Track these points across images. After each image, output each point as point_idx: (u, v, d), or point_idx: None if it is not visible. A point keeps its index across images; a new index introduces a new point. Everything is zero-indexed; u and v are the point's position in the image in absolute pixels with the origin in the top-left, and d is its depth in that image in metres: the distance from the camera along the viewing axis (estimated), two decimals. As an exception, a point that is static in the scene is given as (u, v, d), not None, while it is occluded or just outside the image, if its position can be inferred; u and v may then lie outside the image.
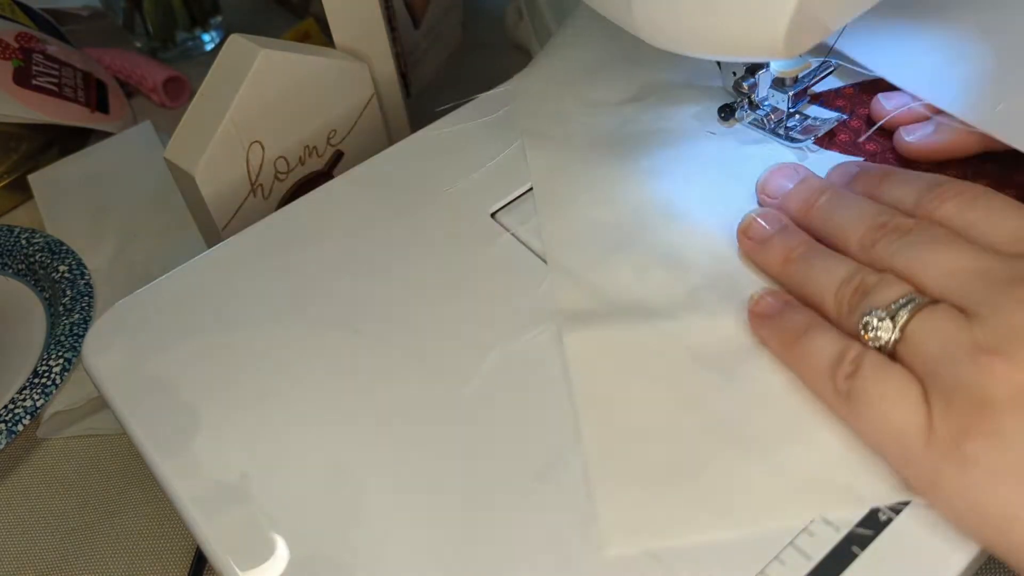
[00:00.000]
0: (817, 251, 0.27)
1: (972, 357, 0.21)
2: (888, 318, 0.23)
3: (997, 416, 0.20)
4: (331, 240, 0.32)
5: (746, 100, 0.33)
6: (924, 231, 0.25)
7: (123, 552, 0.36)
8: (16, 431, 0.38)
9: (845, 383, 0.23)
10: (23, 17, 0.59)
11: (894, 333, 0.23)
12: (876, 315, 0.23)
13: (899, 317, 0.23)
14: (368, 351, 0.28)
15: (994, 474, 0.20)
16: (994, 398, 0.20)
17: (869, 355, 0.23)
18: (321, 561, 0.23)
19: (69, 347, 0.41)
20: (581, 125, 0.35)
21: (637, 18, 0.26)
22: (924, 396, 0.21)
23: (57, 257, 0.46)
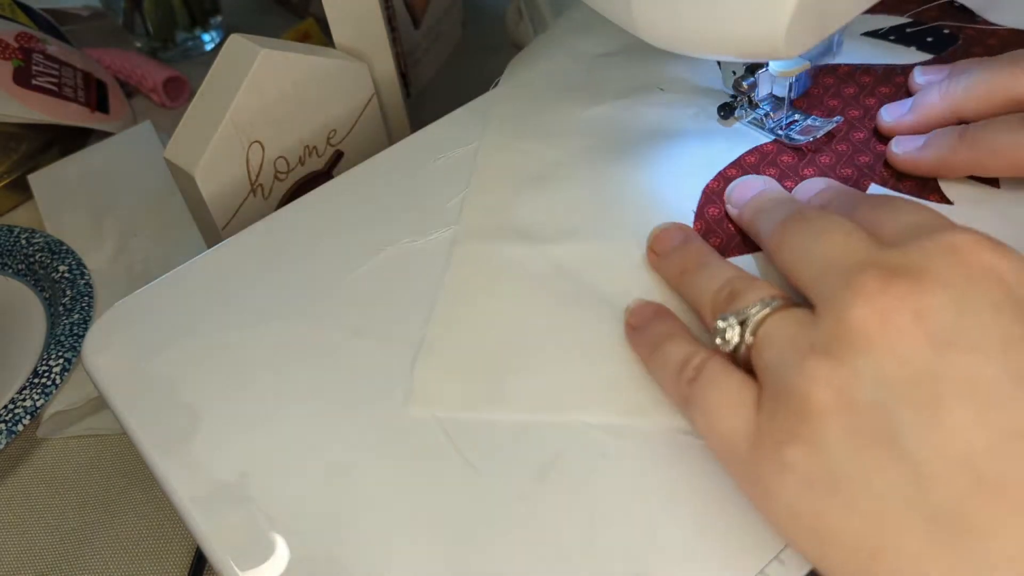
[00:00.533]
0: (710, 261, 0.26)
1: (801, 360, 0.20)
2: (738, 323, 0.22)
3: (815, 422, 0.19)
4: (331, 240, 0.32)
5: (745, 99, 0.33)
6: (819, 220, 0.23)
7: (123, 552, 0.36)
8: (16, 431, 0.38)
9: (687, 387, 0.23)
10: (23, 17, 0.59)
11: (745, 337, 0.22)
12: (727, 320, 0.23)
13: (749, 322, 0.22)
14: (368, 351, 0.28)
15: (809, 482, 0.19)
16: (814, 404, 0.19)
17: (713, 360, 0.23)
18: (321, 561, 0.23)
19: (69, 347, 0.41)
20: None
21: (637, 18, 0.26)
22: (758, 401, 0.21)
23: (57, 257, 0.46)
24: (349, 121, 0.41)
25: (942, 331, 0.18)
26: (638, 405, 0.25)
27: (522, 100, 0.37)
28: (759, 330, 0.22)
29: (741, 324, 0.22)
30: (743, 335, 0.22)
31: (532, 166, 0.34)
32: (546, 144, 0.34)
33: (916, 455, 0.18)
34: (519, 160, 0.34)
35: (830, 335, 0.19)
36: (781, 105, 0.33)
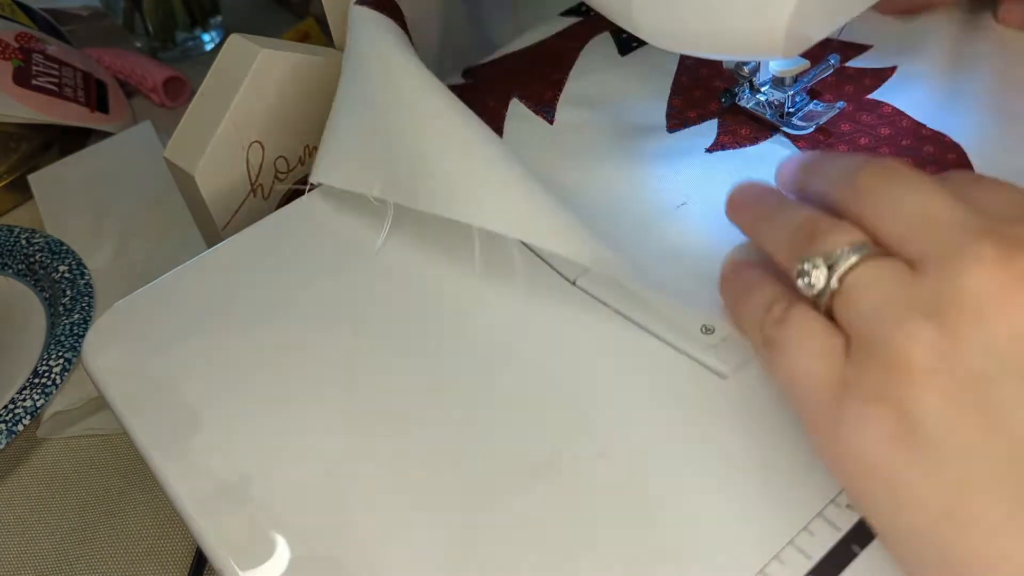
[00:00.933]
0: (785, 206, 0.25)
1: (902, 319, 0.19)
2: (825, 266, 0.21)
3: (912, 382, 0.18)
4: (331, 240, 0.32)
5: (747, 84, 0.33)
6: (906, 171, 0.22)
7: (123, 552, 0.36)
8: (16, 431, 0.38)
9: (772, 328, 0.22)
10: (23, 17, 0.59)
11: (830, 282, 0.21)
12: (812, 262, 0.21)
13: (838, 266, 0.21)
14: (368, 351, 0.28)
15: (894, 438, 0.19)
16: (915, 364, 0.18)
17: (799, 305, 0.22)
18: (321, 561, 0.23)
19: (69, 347, 0.41)
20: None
21: (637, 17, 0.26)
22: (845, 351, 0.20)
23: (57, 257, 0.47)
24: (349, 121, 0.41)
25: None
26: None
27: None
28: (847, 277, 0.21)
29: (829, 268, 0.21)
30: (829, 279, 0.21)
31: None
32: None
33: (1015, 430, 0.17)
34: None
35: (938, 297, 0.19)
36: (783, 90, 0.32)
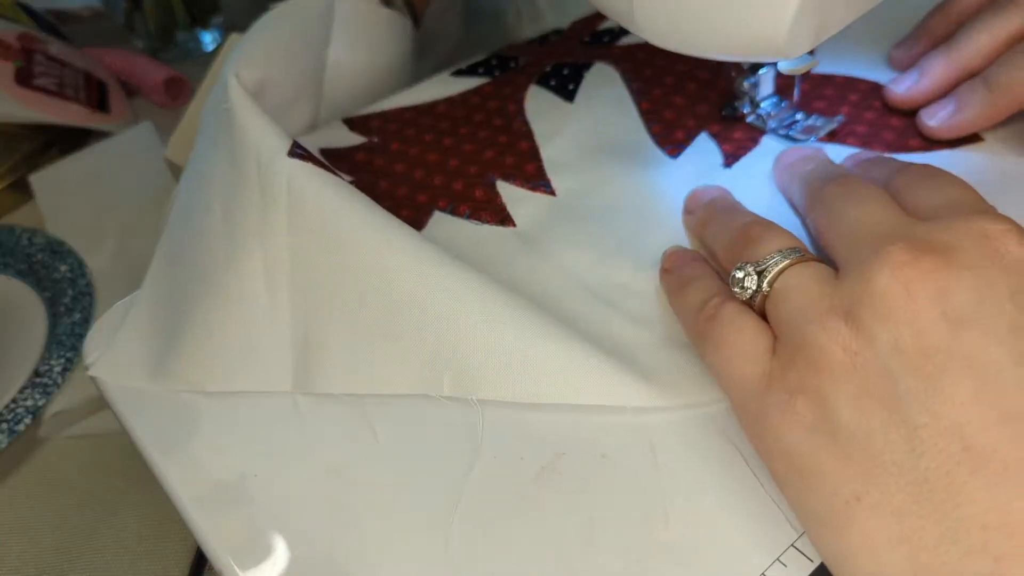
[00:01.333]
0: (731, 209, 0.27)
1: (822, 318, 0.20)
2: (755, 272, 0.23)
3: (828, 378, 0.20)
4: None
5: (747, 99, 0.33)
6: (857, 186, 0.24)
7: (123, 552, 0.36)
8: (17, 431, 0.38)
9: (704, 324, 0.24)
10: (24, 18, 0.59)
11: (761, 287, 0.23)
12: (744, 269, 0.24)
13: (767, 272, 0.23)
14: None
15: (811, 429, 0.20)
16: (830, 361, 0.20)
17: (731, 303, 0.24)
18: (321, 561, 0.23)
19: (70, 347, 0.41)
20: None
21: (638, 17, 0.26)
22: (772, 348, 0.22)
23: (58, 257, 0.47)
24: (349, 121, 0.41)
25: (959, 310, 0.19)
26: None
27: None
28: (776, 281, 0.23)
29: (759, 274, 0.23)
30: (760, 284, 0.23)
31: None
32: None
33: (914, 420, 0.19)
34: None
35: (853, 298, 0.20)
36: (783, 105, 0.33)
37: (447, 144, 0.35)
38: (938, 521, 0.18)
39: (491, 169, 0.33)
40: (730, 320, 0.23)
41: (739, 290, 0.24)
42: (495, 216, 0.32)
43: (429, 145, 0.35)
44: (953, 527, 0.18)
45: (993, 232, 0.20)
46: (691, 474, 0.24)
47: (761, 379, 0.22)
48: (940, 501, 0.18)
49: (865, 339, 0.20)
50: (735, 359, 0.23)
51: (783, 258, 0.23)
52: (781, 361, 0.21)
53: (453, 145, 0.35)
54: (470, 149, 0.34)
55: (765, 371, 0.22)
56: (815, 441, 0.20)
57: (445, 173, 0.34)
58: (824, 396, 0.20)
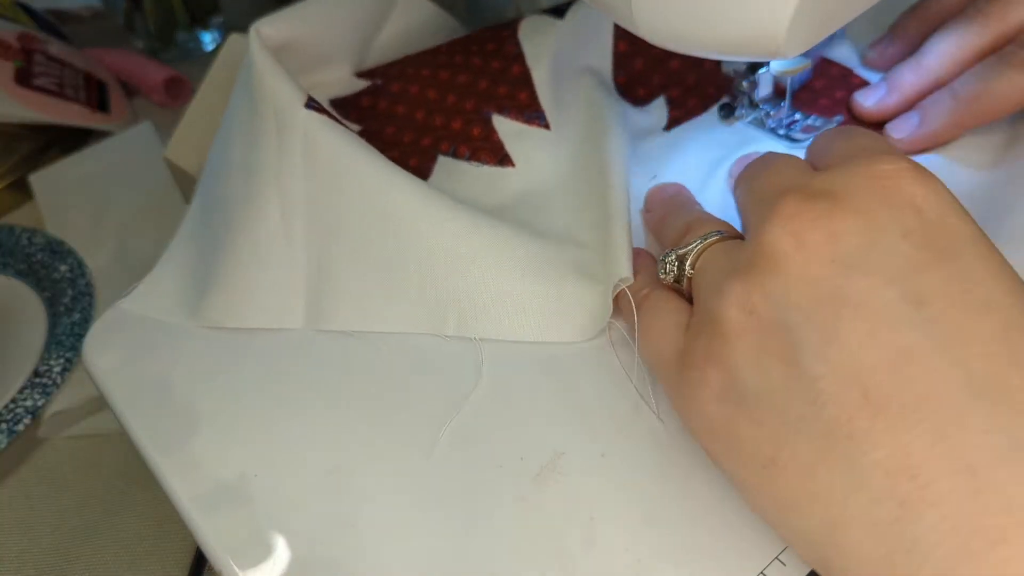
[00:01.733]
0: (684, 208, 0.28)
1: (721, 283, 0.20)
2: (676, 256, 0.24)
3: (728, 341, 0.20)
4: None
5: (746, 99, 0.33)
6: (775, 159, 0.24)
7: (123, 552, 0.36)
8: (17, 431, 0.38)
9: (636, 314, 0.25)
10: (24, 18, 0.59)
11: (684, 270, 0.23)
12: (668, 256, 0.24)
13: (688, 255, 0.23)
14: (368, 351, 0.28)
15: (722, 396, 0.20)
16: (727, 323, 0.20)
17: (657, 290, 0.25)
18: (321, 561, 0.23)
19: (69, 347, 0.41)
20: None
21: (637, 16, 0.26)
22: (687, 325, 0.22)
23: (58, 257, 0.47)
24: (349, 121, 0.41)
25: (850, 254, 0.19)
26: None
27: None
28: (698, 262, 0.23)
29: (680, 259, 0.24)
30: (683, 268, 0.23)
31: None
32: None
33: (812, 371, 0.18)
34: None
35: (749, 258, 0.20)
36: (781, 105, 0.33)
37: (444, 78, 0.35)
38: (845, 472, 0.17)
39: (486, 103, 0.34)
40: (652, 305, 0.24)
41: (663, 275, 0.24)
42: (494, 156, 0.32)
43: (427, 80, 0.35)
44: (859, 475, 0.17)
45: (884, 171, 0.19)
46: (690, 473, 0.24)
47: (677, 356, 0.22)
48: (845, 451, 0.17)
49: (759, 295, 0.19)
50: (654, 340, 0.23)
51: (703, 239, 0.23)
52: (690, 334, 0.22)
53: (449, 78, 0.35)
54: (465, 80, 0.34)
55: (680, 348, 0.22)
56: (727, 408, 0.20)
57: (444, 112, 0.34)
58: (728, 361, 0.20)
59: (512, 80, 0.34)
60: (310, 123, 0.29)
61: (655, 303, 0.24)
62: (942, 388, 0.17)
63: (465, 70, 0.35)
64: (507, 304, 0.27)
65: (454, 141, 0.33)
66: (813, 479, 0.18)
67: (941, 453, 0.16)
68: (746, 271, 0.20)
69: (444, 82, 0.35)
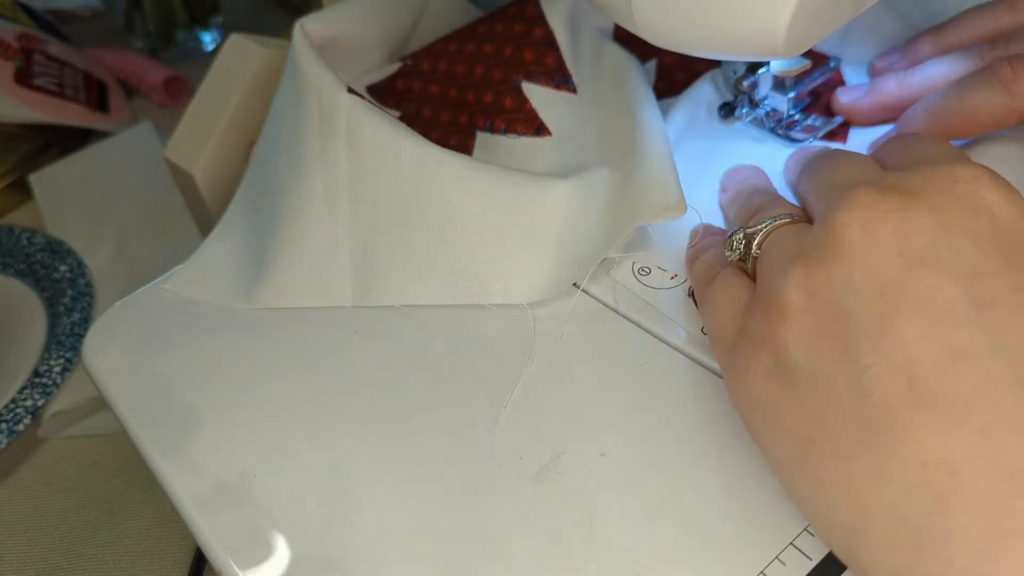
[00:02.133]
0: (758, 189, 0.28)
1: (786, 265, 0.21)
2: (744, 236, 0.24)
3: (785, 321, 0.20)
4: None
5: (746, 99, 0.33)
6: (841, 154, 0.25)
7: (123, 552, 0.36)
8: (17, 431, 0.38)
9: (703, 289, 0.25)
10: (24, 18, 0.59)
11: (751, 249, 0.24)
12: (736, 234, 0.24)
13: (756, 235, 0.24)
14: (368, 351, 0.28)
15: (772, 375, 0.20)
16: (786, 304, 0.20)
17: (727, 268, 0.25)
18: (321, 561, 0.23)
19: (69, 347, 0.41)
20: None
21: (637, 16, 0.26)
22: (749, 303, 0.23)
23: (57, 257, 0.47)
24: (349, 121, 0.41)
25: (917, 249, 0.19)
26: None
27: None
28: (765, 243, 0.23)
29: (747, 237, 0.24)
30: (749, 247, 0.24)
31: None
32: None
33: (863, 360, 0.18)
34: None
35: (815, 242, 0.20)
36: (782, 104, 0.33)
37: (470, 50, 0.35)
38: (881, 460, 0.18)
39: (514, 70, 0.34)
40: (721, 282, 0.24)
41: (730, 252, 0.24)
42: (531, 127, 0.32)
43: (454, 55, 0.35)
44: (895, 465, 0.17)
45: (963, 175, 0.20)
46: (691, 473, 0.24)
47: (734, 333, 0.22)
48: (883, 440, 0.18)
49: (821, 279, 0.19)
50: (716, 315, 0.23)
51: (772, 221, 0.24)
52: (749, 312, 0.22)
53: (475, 50, 0.35)
54: (491, 49, 0.35)
55: (739, 324, 0.22)
56: (774, 387, 0.20)
57: (475, 86, 0.34)
58: (781, 340, 0.20)
59: (536, 43, 0.34)
60: (352, 107, 0.30)
61: (725, 279, 0.24)
62: (992, 388, 0.17)
63: (490, 39, 0.35)
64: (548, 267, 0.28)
65: (489, 115, 0.33)
66: (849, 464, 0.18)
67: (985, 453, 0.16)
68: (811, 254, 0.20)
69: (471, 54, 0.35)
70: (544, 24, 0.34)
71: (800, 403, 0.19)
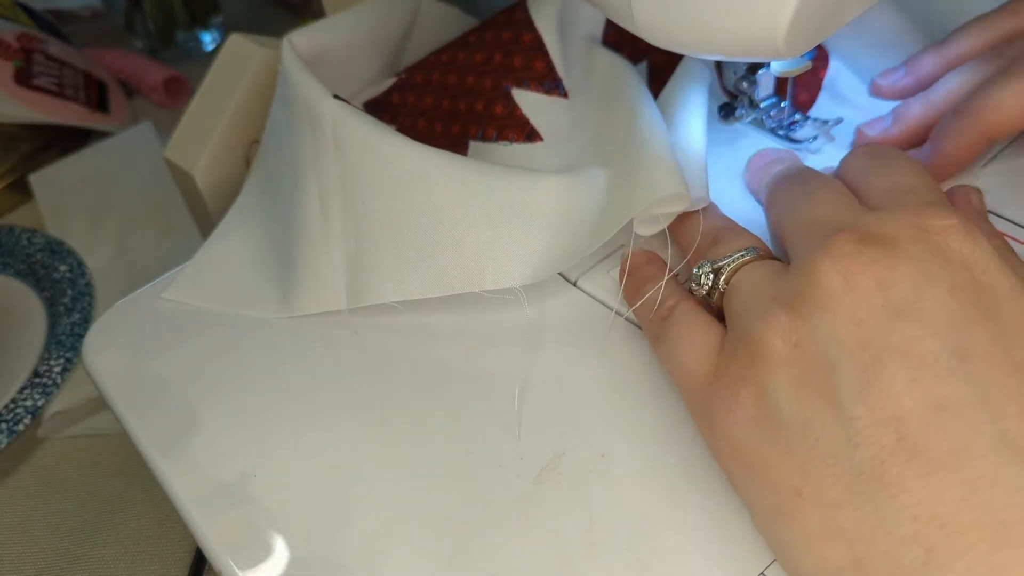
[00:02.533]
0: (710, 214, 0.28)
1: (765, 308, 0.21)
2: (711, 270, 0.24)
3: (768, 368, 0.20)
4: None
5: (746, 99, 0.33)
6: (811, 179, 0.25)
7: (123, 552, 0.36)
8: (17, 431, 0.38)
9: (659, 324, 0.24)
10: (24, 18, 0.59)
11: (718, 284, 0.23)
12: (703, 267, 0.24)
13: (723, 270, 0.23)
14: (368, 351, 0.28)
15: (755, 421, 0.20)
16: (770, 351, 0.20)
17: (685, 302, 0.24)
18: (321, 561, 0.23)
19: (69, 347, 0.41)
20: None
21: (637, 17, 0.26)
22: (721, 343, 0.22)
23: (57, 257, 0.47)
24: (349, 121, 0.41)
25: (899, 301, 0.19)
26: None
27: None
28: (732, 279, 0.23)
29: (715, 272, 0.24)
30: (716, 282, 0.23)
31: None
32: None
33: (850, 411, 0.19)
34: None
35: (796, 289, 0.20)
36: (782, 105, 0.33)
37: (461, 59, 0.35)
38: (873, 512, 0.18)
39: (504, 77, 0.33)
40: (682, 319, 0.24)
41: (696, 287, 0.24)
42: (521, 133, 0.32)
43: (446, 66, 0.35)
44: (887, 517, 0.18)
45: (936, 227, 0.20)
46: (691, 473, 0.24)
47: (708, 374, 0.22)
48: (874, 492, 0.18)
49: (806, 329, 0.20)
50: (684, 355, 0.23)
51: (739, 255, 0.23)
52: (726, 354, 0.22)
53: (466, 58, 0.35)
54: (480, 57, 0.34)
55: (712, 365, 0.22)
56: (758, 434, 0.20)
57: (466, 95, 0.34)
58: (765, 386, 0.20)
59: (525, 49, 0.34)
60: (337, 111, 0.30)
61: (686, 315, 0.24)
62: (977, 442, 0.17)
63: (479, 48, 0.35)
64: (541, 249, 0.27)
65: (480, 124, 0.33)
66: (838, 515, 0.18)
67: (973, 506, 0.17)
68: (793, 302, 0.20)
69: (462, 64, 0.35)
70: (532, 29, 0.34)
71: (785, 451, 0.19)
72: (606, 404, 0.26)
